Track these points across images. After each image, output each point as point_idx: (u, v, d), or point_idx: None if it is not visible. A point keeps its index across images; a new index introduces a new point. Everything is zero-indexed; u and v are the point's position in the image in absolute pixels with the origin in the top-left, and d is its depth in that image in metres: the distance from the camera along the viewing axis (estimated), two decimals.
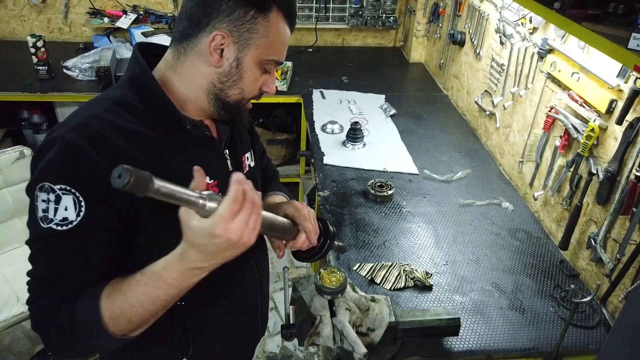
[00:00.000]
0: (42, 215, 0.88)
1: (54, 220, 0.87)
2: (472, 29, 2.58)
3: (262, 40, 0.97)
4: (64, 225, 0.87)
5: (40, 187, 0.88)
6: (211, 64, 0.97)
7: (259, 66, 1.00)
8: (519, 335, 1.45)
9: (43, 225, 0.88)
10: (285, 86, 2.85)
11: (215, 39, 0.94)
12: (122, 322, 0.88)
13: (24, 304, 1.99)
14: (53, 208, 0.87)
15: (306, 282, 1.23)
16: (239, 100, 1.02)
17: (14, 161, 2.16)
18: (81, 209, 0.87)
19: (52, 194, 0.87)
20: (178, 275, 0.85)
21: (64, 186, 0.87)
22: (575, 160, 1.67)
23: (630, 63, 1.01)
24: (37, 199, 0.88)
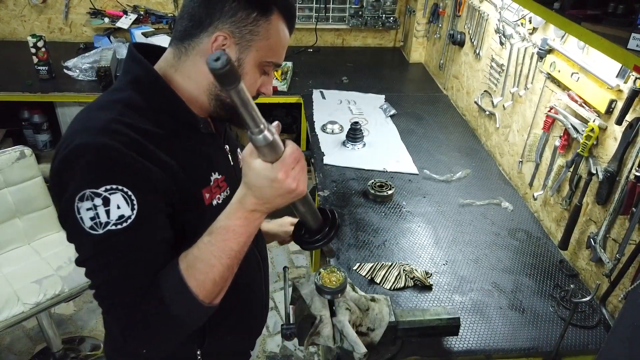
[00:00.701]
0: (92, 224, 0.86)
1: (110, 221, 0.86)
2: (472, 29, 2.58)
3: (263, 43, 0.98)
4: (122, 223, 0.86)
5: (80, 198, 0.85)
6: None
7: (258, 68, 1.01)
8: (518, 335, 1.45)
9: (99, 231, 0.86)
10: (285, 86, 2.85)
11: (217, 39, 0.95)
12: (208, 286, 0.89)
13: (24, 304, 2.00)
14: (104, 211, 0.85)
15: (306, 282, 1.23)
16: None
17: (15, 161, 2.16)
18: (134, 203, 0.87)
19: (97, 199, 0.85)
20: (242, 222, 0.90)
21: (109, 187, 0.85)
22: (574, 160, 1.67)
23: (630, 63, 1.01)
24: (80, 210, 0.85)
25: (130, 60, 1.02)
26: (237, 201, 0.90)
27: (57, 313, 2.64)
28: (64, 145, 0.89)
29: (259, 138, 0.79)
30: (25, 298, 2.00)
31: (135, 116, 0.95)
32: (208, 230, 0.91)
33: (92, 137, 0.88)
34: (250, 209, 0.89)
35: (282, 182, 0.84)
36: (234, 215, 0.90)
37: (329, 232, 1.04)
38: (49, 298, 2.04)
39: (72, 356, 2.44)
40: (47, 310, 2.13)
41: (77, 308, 2.69)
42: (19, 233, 2.23)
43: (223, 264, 0.90)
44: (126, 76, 1.01)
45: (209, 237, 0.90)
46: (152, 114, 0.97)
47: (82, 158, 0.86)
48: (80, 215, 0.86)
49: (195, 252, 0.90)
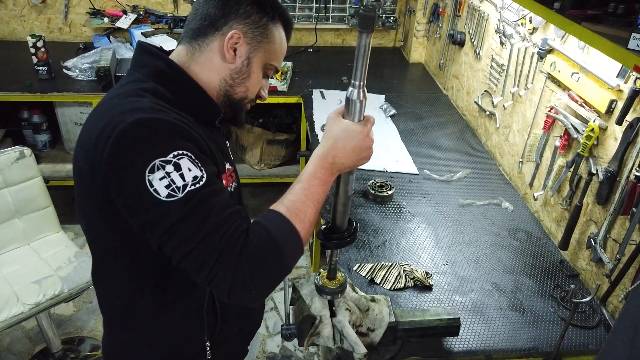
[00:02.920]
0: (168, 192, 0.87)
1: (187, 183, 0.88)
2: (472, 29, 2.58)
3: (270, 46, 1.08)
4: (200, 181, 0.89)
5: (150, 170, 0.87)
6: (226, 60, 1.05)
7: (262, 69, 1.10)
8: (518, 335, 1.45)
9: (178, 195, 0.87)
10: (285, 86, 2.85)
11: (233, 36, 1.03)
12: (307, 227, 0.97)
13: (24, 304, 2.00)
14: (178, 175, 0.88)
15: (306, 282, 1.23)
16: (243, 98, 1.10)
17: (14, 161, 2.16)
18: (199, 165, 0.91)
19: (168, 166, 0.87)
20: (325, 171, 1.00)
21: (175, 153, 0.88)
22: (575, 160, 1.67)
23: (630, 63, 1.01)
24: (153, 182, 0.87)
25: (147, 54, 1.06)
26: (320, 154, 1.00)
27: (57, 313, 2.64)
28: (111, 127, 0.89)
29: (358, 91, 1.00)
30: (25, 298, 2.00)
31: (163, 103, 0.98)
32: (298, 182, 1.00)
33: (145, 114, 0.91)
34: (331, 160, 0.99)
35: (365, 136, 1.01)
36: (320, 165, 1.00)
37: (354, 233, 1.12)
38: (48, 298, 2.03)
39: (72, 356, 2.43)
40: (47, 311, 2.13)
41: (76, 308, 2.69)
42: (19, 233, 2.23)
43: (315, 208, 0.99)
44: (144, 69, 1.04)
45: (301, 184, 0.99)
46: (177, 104, 1.01)
47: (143, 132, 0.89)
48: (153, 187, 0.87)
49: (290, 197, 0.98)
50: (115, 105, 0.96)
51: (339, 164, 1.00)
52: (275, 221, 0.94)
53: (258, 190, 3.60)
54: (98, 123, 0.93)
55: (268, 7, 1.07)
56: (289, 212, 0.95)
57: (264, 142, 3.24)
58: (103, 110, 0.97)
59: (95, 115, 0.99)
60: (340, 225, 1.11)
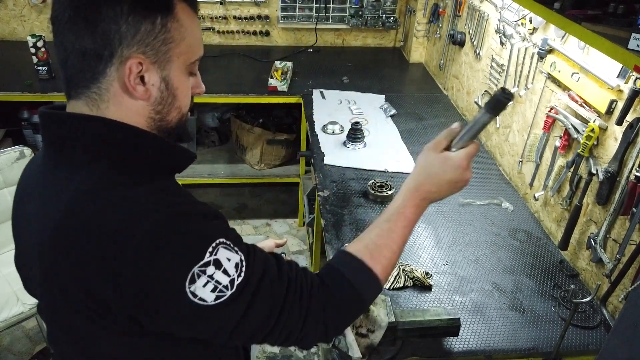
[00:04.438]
0: (217, 294, 0.76)
1: (234, 277, 0.77)
2: (472, 29, 2.58)
3: (181, 46, 0.82)
4: (242, 268, 0.78)
5: (191, 280, 0.73)
6: (139, 99, 0.81)
7: (186, 73, 0.86)
8: (519, 336, 1.45)
9: (227, 293, 0.76)
10: (285, 86, 2.85)
11: (131, 70, 0.78)
12: (389, 270, 0.94)
13: (24, 304, 2.00)
14: (221, 274, 0.76)
15: None
16: (180, 119, 0.89)
17: (14, 161, 2.16)
18: (234, 247, 0.79)
19: (209, 268, 0.75)
20: (415, 210, 0.95)
21: (211, 249, 0.76)
22: (575, 160, 1.67)
23: (630, 63, 1.01)
24: (196, 291, 0.74)
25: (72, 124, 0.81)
26: (412, 189, 0.95)
27: None
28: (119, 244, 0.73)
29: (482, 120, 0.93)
30: (25, 298, 2.00)
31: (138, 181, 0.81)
32: (382, 218, 0.96)
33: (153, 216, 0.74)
34: (423, 196, 0.94)
35: (463, 169, 0.94)
36: (409, 202, 0.94)
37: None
38: None
39: None
40: None
41: None
42: None
43: (400, 249, 0.95)
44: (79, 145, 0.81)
45: (388, 224, 0.94)
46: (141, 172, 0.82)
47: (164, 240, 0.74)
48: (198, 296, 0.74)
49: (375, 239, 0.94)
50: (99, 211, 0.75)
51: (431, 199, 0.95)
52: (356, 271, 0.90)
53: (258, 190, 3.60)
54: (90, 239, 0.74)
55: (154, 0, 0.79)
56: (372, 260, 0.91)
57: (264, 142, 3.24)
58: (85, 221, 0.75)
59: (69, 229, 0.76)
60: None
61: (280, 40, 3.50)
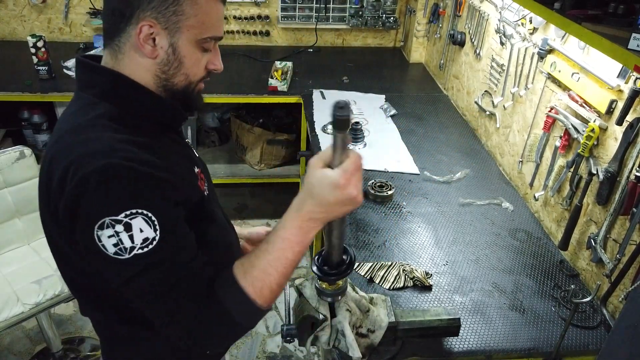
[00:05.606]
0: (116, 250, 0.84)
1: (135, 245, 0.84)
2: (472, 29, 2.58)
3: (192, 20, 0.93)
4: (148, 245, 0.85)
5: (99, 226, 0.83)
6: (146, 56, 0.94)
7: (197, 47, 0.97)
8: (519, 336, 1.45)
9: (124, 255, 0.84)
10: (285, 86, 2.85)
11: (142, 30, 0.91)
12: (265, 293, 0.92)
13: (24, 304, 2.00)
14: (127, 236, 0.83)
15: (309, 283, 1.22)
16: (187, 86, 1.00)
17: (14, 161, 2.16)
18: (155, 224, 0.85)
19: (118, 225, 0.83)
20: (297, 231, 0.91)
21: (128, 212, 0.83)
22: (575, 160, 1.67)
23: (630, 63, 1.01)
24: (101, 238, 0.83)
25: (89, 71, 0.98)
26: (294, 210, 0.91)
27: (57, 313, 2.64)
28: (72, 173, 0.85)
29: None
30: (25, 298, 2.00)
31: (122, 128, 0.92)
32: (265, 239, 0.94)
33: (103, 160, 0.84)
34: (307, 217, 0.89)
35: (343, 188, 0.84)
36: (290, 224, 0.91)
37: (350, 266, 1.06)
38: (48, 298, 2.03)
39: (72, 356, 2.43)
40: (47, 311, 2.13)
41: (76, 308, 2.69)
42: (19, 233, 2.23)
43: (279, 272, 0.92)
44: (91, 89, 0.97)
45: (265, 246, 0.92)
46: (131, 122, 0.95)
47: (97, 184, 0.83)
48: (101, 242, 0.84)
49: (253, 260, 0.93)
50: (73, 143, 0.89)
51: (319, 219, 0.90)
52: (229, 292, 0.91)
53: (258, 190, 3.60)
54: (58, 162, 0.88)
55: None
56: (247, 281, 0.91)
57: (264, 142, 3.24)
58: (62, 147, 0.90)
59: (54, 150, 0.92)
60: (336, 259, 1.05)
61: (280, 40, 3.51)
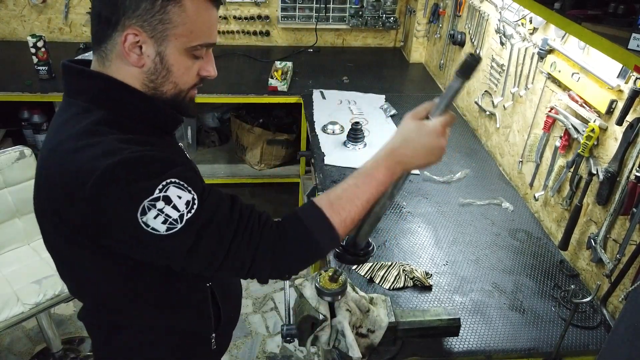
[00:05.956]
0: (167, 227, 0.85)
1: (183, 212, 0.85)
2: (472, 29, 2.58)
3: (180, 29, 0.91)
4: (193, 206, 0.86)
5: (142, 212, 0.83)
6: (132, 65, 0.92)
7: (186, 55, 0.94)
8: (519, 336, 1.45)
9: (177, 226, 0.85)
10: (285, 86, 2.85)
11: (127, 38, 0.90)
12: (348, 223, 0.95)
13: (24, 304, 1.99)
14: (171, 208, 0.84)
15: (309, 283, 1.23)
16: (177, 94, 0.99)
17: (14, 161, 2.16)
18: (187, 186, 0.87)
19: (159, 202, 0.84)
20: (385, 171, 0.95)
21: (160, 186, 0.84)
22: (575, 160, 1.67)
23: (631, 63, 1.01)
24: (148, 222, 0.84)
25: (78, 77, 0.97)
26: (387, 152, 0.96)
27: (57, 313, 2.64)
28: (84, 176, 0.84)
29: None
30: (25, 298, 2.00)
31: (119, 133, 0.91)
32: (353, 174, 0.97)
33: (111, 158, 0.84)
34: (398, 159, 0.95)
35: (439, 135, 0.94)
36: (382, 164, 0.95)
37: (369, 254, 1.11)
38: (48, 298, 2.03)
39: (72, 356, 2.43)
40: (47, 311, 2.13)
41: (76, 308, 2.68)
42: (19, 233, 2.23)
43: (363, 206, 0.95)
44: (82, 95, 0.95)
45: (355, 180, 0.96)
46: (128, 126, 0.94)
47: (116, 179, 0.83)
48: (150, 226, 0.84)
49: (339, 192, 0.96)
50: (74, 150, 0.87)
51: (406, 163, 0.97)
52: (312, 215, 0.93)
53: (258, 190, 3.60)
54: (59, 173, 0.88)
55: None
56: (331, 209, 0.93)
57: (264, 142, 3.24)
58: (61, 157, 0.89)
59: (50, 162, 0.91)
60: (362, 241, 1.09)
61: (280, 40, 3.50)
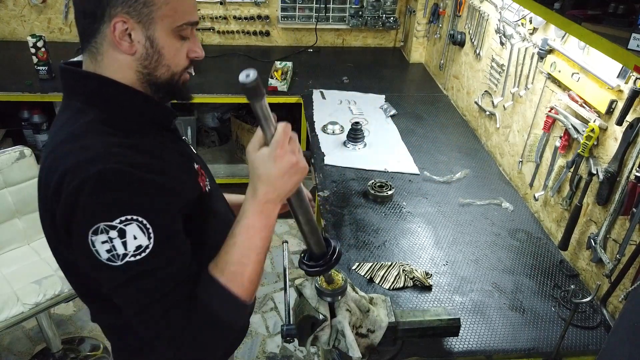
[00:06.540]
0: (109, 256, 0.84)
1: (128, 253, 0.84)
2: (472, 29, 2.58)
3: (164, 9, 0.92)
4: (141, 253, 0.85)
5: (94, 232, 0.83)
6: (125, 52, 0.93)
7: (174, 36, 0.96)
8: (519, 336, 1.45)
9: (117, 262, 0.84)
10: (285, 86, 2.85)
11: (116, 27, 0.90)
12: (246, 285, 0.93)
13: (24, 304, 2.00)
14: (120, 243, 0.84)
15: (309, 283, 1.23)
16: (171, 77, 0.99)
17: (14, 161, 2.16)
18: (149, 231, 0.85)
19: (112, 231, 0.83)
20: (259, 216, 0.91)
21: (123, 218, 0.83)
22: (575, 160, 1.67)
23: (630, 63, 1.01)
24: (95, 243, 0.84)
25: (74, 78, 0.98)
26: (250, 197, 0.92)
27: (57, 313, 2.64)
28: (67, 179, 0.85)
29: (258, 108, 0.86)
30: (25, 298, 2.00)
31: (115, 132, 0.92)
32: (230, 233, 0.93)
33: (98, 166, 0.84)
34: (263, 200, 0.91)
35: (282, 158, 0.87)
36: (250, 211, 0.92)
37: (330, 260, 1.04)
38: (48, 298, 2.03)
39: (72, 356, 2.43)
40: (47, 311, 2.13)
41: (76, 308, 2.69)
42: (19, 233, 2.23)
43: (253, 261, 0.93)
44: (79, 96, 0.97)
45: (233, 240, 0.92)
46: (123, 125, 0.95)
47: (92, 190, 0.83)
48: (95, 248, 0.84)
49: (224, 256, 0.92)
50: (68, 151, 0.89)
51: (274, 198, 0.91)
52: (213, 293, 0.91)
53: None
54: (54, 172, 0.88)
55: None
56: (226, 278, 0.91)
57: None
58: (58, 156, 0.90)
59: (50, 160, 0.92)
60: (318, 250, 1.03)
61: (280, 40, 3.51)
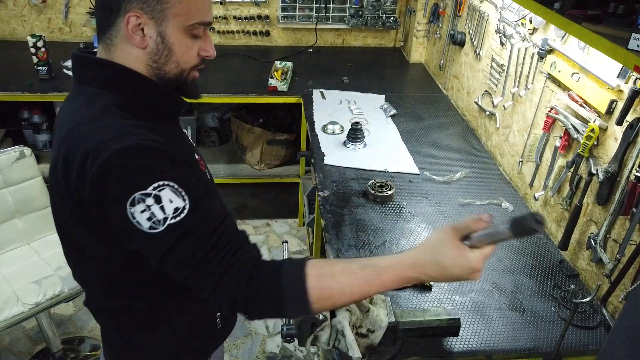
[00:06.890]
0: (151, 224, 0.87)
1: (168, 216, 0.87)
2: (472, 29, 2.58)
3: (177, 8, 0.95)
4: (180, 214, 0.88)
5: (131, 203, 0.86)
6: (136, 46, 0.96)
7: (185, 34, 0.98)
8: (519, 336, 1.45)
9: (159, 228, 0.87)
10: (285, 86, 2.85)
11: (129, 21, 0.94)
12: (326, 304, 0.92)
13: (24, 304, 2.00)
14: (158, 208, 0.86)
15: None
16: (180, 73, 1.02)
17: (14, 161, 2.16)
18: (182, 194, 0.88)
19: (149, 199, 0.86)
20: (396, 279, 0.90)
21: (155, 185, 0.86)
22: (575, 160, 1.67)
23: (630, 63, 1.01)
24: (134, 214, 0.86)
25: (89, 65, 1.01)
26: (409, 261, 0.91)
27: (57, 313, 2.64)
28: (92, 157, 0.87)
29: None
30: (25, 298, 2.00)
31: (129, 116, 0.95)
32: (363, 262, 0.92)
33: (122, 142, 0.87)
34: (417, 274, 0.90)
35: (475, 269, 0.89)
36: (394, 270, 0.91)
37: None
38: (48, 298, 2.03)
39: (72, 356, 2.43)
40: (47, 311, 2.13)
41: (76, 308, 2.69)
42: (19, 233, 2.23)
43: (352, 298, 0.92)
44: (93, 82, 1.00)
45: (358, 269, 0.91)
46: (136, 111, 0.98)
47: (124, 164, 0.87)
48: (135, 219, 0.87)
49: (335, 270, 0.91)
50: (87, 132, 0.91)
51: (424, 280, 0.92)
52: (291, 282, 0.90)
53: (258, 190, 3.60)
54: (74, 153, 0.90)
55: None
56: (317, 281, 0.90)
57: (264, 142, 3.24)
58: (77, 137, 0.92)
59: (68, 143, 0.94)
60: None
61: (280, 40, 3.50)
